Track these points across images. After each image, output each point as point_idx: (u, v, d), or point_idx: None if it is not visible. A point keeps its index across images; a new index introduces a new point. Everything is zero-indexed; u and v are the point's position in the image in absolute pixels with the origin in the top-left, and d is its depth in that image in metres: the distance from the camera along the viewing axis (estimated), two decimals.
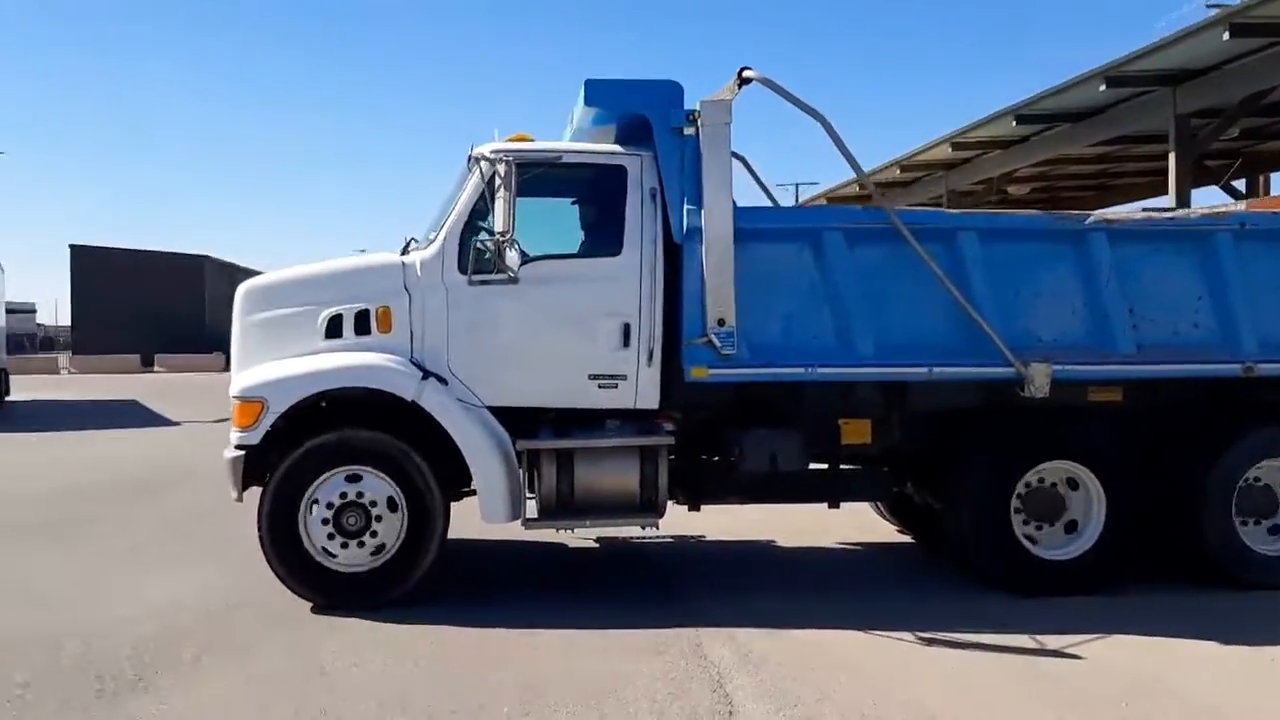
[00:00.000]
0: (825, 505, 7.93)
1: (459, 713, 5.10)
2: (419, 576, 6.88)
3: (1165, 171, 17.36)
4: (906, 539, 9.14)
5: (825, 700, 5.24)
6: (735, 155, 8.00)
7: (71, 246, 20.56)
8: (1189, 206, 16.65)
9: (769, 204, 8.63)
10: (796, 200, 59.62)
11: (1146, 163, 21.45)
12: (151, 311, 45.53)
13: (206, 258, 51.80)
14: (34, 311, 49.03)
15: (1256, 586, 7.32)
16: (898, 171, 24.56)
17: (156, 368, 42.48)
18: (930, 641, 6.20)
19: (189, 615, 6.72)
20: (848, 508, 8.20)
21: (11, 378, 23.73)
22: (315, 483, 6.80)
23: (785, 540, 9.07)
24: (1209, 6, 19.70)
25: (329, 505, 6.79)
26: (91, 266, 46.70)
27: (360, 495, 6.82)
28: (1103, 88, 16.07)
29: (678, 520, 8.01)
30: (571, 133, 8.00)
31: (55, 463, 14.01)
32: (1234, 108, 16.05)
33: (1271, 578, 7.41)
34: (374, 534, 6.83)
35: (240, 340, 7.25)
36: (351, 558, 6.82)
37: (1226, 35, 13.44)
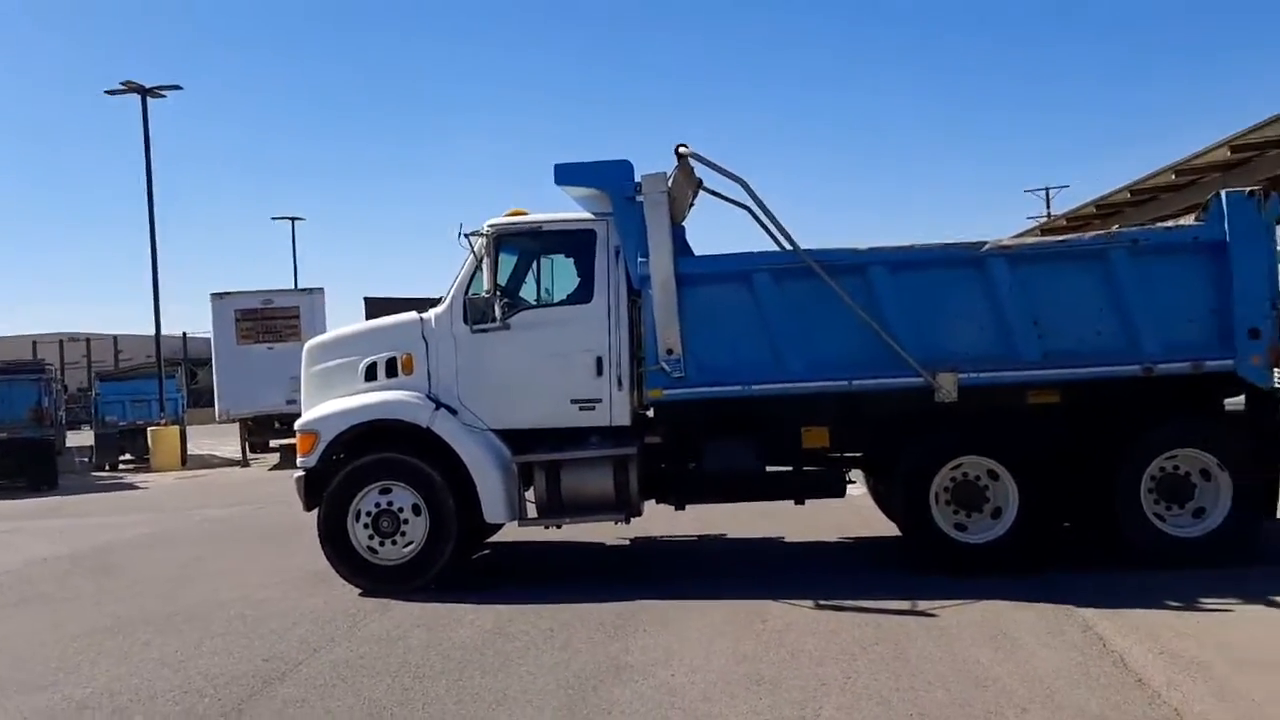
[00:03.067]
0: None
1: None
2: (441, 567, 8.69)
3: None
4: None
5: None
6: (743, 206, 9.36)
7: (366, 299, 24.46)
8: None
9: (774, 246, 9.72)
10: (1048, 205, 58.97)
11: None
12: None
13: None
14: None
15: (1177, 565, 8.02)
16: (1173, 177, 24.43)
17: None
18: None
19: None
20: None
21: None
22: (358, 495, 8.76)
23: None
24: None
25: (368, 512, 8.72)
26: (379, 314, 52.08)
27: (391, 504, 8.72)
28: None
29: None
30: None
31: None
32: None
33: (1189, 558, 8.10)
34: (403, 534, 8.71)
35: (305, 386, 9.35)
36: (388, 554, 8.73)
37: None
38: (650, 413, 9.10)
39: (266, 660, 6.85)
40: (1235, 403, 8.75)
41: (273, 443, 25.84)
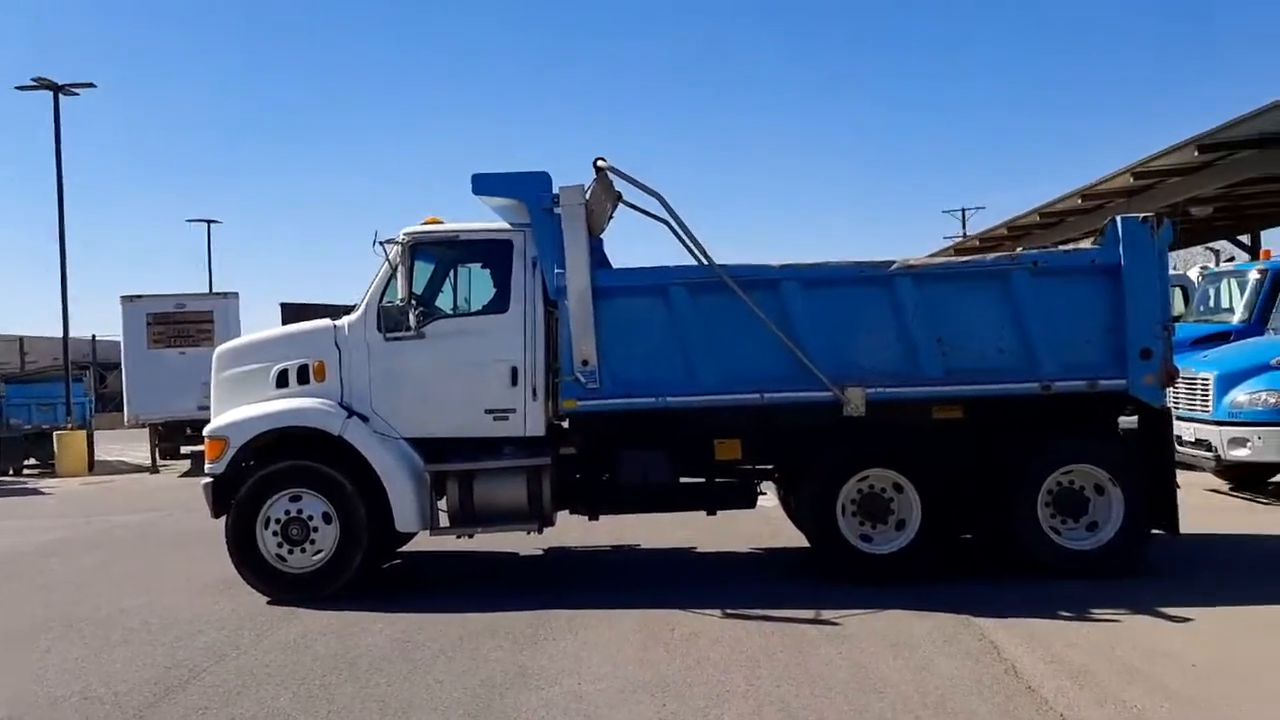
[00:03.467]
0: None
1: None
2: (351, 575, 8.65)
3: None
4: None
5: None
6: (661, 220, 9.42)
7: (282, 304, 24.33)
8: None
9: (692, 260, 9.43)
10: (964, 226, 60.71)
11: None
12: None
13: None
14: None
15: (1071, 577, 8.30)
16: (1079, 201, 25.08)
17: None
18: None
19: None
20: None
21: None
22: (268, 502, 8.68)
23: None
24: None
25: (277, 519, 8.65)
26: (296, 320, 51.19)
27: (301, 512, 8.66)
28: None
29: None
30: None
31: None
32: None
33: (1083, 570, 8.37)
34: (313, 542, 8.65)
35: (215, 392, 9.24)
36: (297, 562, 8.67)
37: None
38: (565, 423, 9.18)
39: (169, 667, 6.78)
40: (1130, 420, 9.11)
41: (183, 449, 25.35)
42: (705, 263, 8.65)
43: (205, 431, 8.98)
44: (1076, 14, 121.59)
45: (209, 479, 8.84)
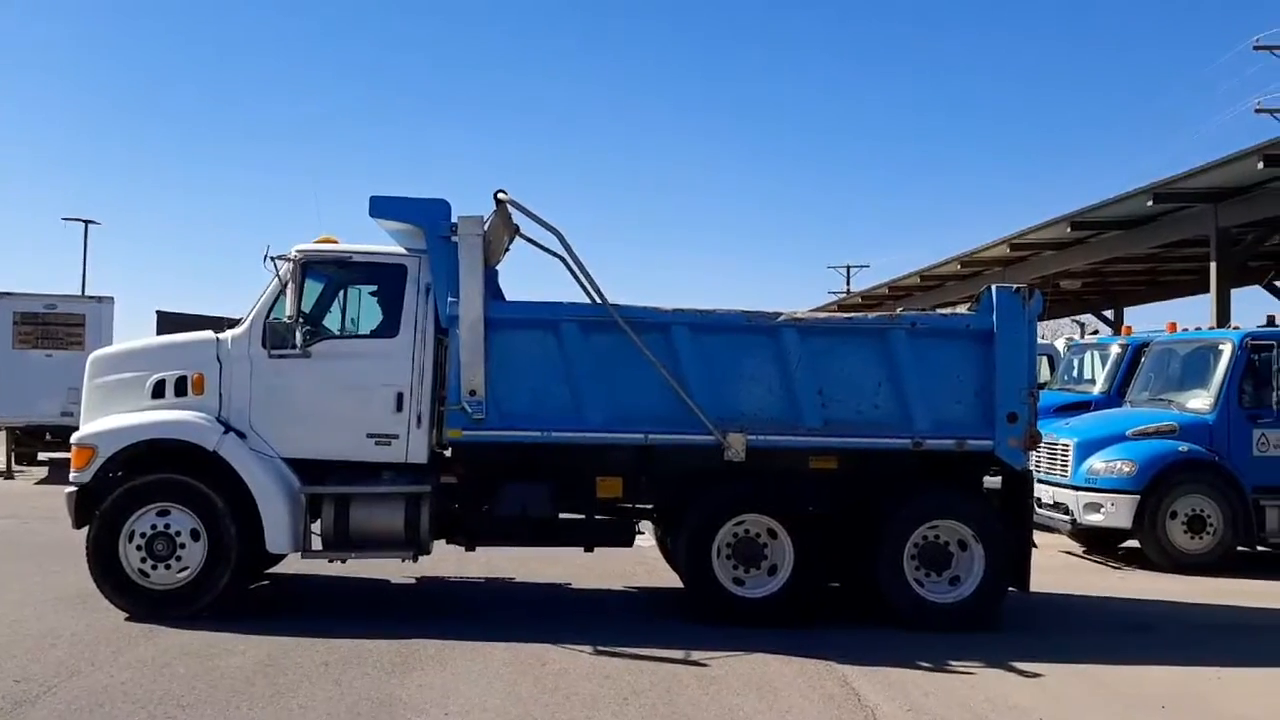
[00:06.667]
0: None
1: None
2: (216, 595, 8.45)
3: (1209, 271, 18.46)
4: None
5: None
6: (558, 256, 9.44)
7: (158, 312, 23.63)
8: (1228, 306, 17.90)
9: (586, 299, 9.03)
10: (848, 282, 62.20)
11: (1192, 262, 21.96)
12: None
13: None
14: None
15: (932, 628, 8.59)
16: (958, 267, 25.99)
17: None
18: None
19: None
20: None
21: None
22: (134, 515, 8.43)
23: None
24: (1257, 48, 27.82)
25: (142, 534, 8.41)
26: (172, 330, 49.39)
27: (168, 526, 8.43)
28: (1150, 202, 17.57)
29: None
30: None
31: None
32: (1271, 220, 17.14)
33: (943, 622, 8.66)
34: (179, 559, 8.43)
35: (87, 399, 8.96)
36: (160, 578, 8.43)
37: (1261, 164, 14.96)
38: (448, 452, 9.14)
39: (18, 681, 6.52)
40: (994, 480, 9.49)
41: (42, 455, 24.33)
42: (598, 301, 8.77)
43: (73, 439, 8.69)
44: (965, 80, 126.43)
45: (73, 488, 8.56)
